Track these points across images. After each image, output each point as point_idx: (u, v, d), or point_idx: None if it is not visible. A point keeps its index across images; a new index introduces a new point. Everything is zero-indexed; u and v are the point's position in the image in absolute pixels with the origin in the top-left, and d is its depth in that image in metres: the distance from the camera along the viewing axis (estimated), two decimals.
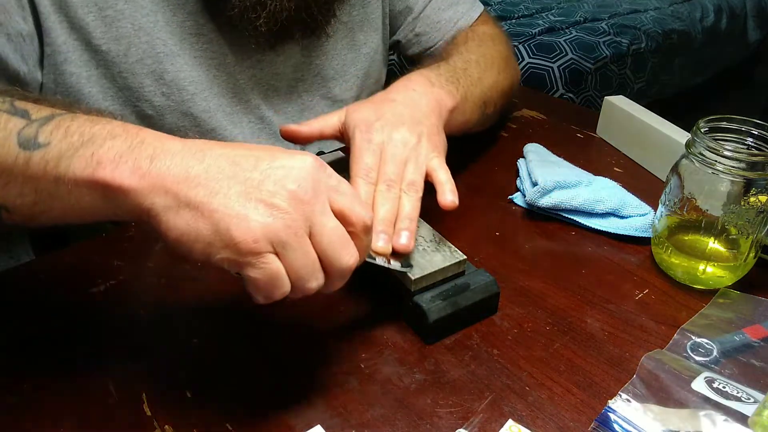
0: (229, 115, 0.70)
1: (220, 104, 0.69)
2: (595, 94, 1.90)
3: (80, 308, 0.52)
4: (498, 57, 0.78)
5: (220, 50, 0.67)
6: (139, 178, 0.37)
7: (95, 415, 0.43)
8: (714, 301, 0.53)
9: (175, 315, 0.52)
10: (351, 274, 0.41)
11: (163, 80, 0.64)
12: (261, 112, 0.73)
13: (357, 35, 0.78)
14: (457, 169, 0.75)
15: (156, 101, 0.65)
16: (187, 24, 0.65)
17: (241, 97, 0.71)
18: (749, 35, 3.02)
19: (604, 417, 0.42)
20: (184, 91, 0.66)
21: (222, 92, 0.69)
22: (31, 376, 0.46)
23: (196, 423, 0.42)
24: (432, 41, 0.84)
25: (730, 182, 0.50)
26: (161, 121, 0.66)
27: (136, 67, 0.63)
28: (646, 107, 0.77)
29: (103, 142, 0.38)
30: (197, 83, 0.66)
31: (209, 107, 0.68)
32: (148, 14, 0.62)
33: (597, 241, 0.62)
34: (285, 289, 0.39)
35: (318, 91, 0.77)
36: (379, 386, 0.45)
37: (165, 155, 0.38)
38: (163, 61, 0.64)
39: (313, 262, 0.39)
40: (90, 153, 0.37)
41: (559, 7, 2.48)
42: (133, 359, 0.47)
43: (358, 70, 0.80)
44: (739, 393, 0.43)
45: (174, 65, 0.64)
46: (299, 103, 0.76)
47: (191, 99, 0.66)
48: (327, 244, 0.39)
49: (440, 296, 0.49)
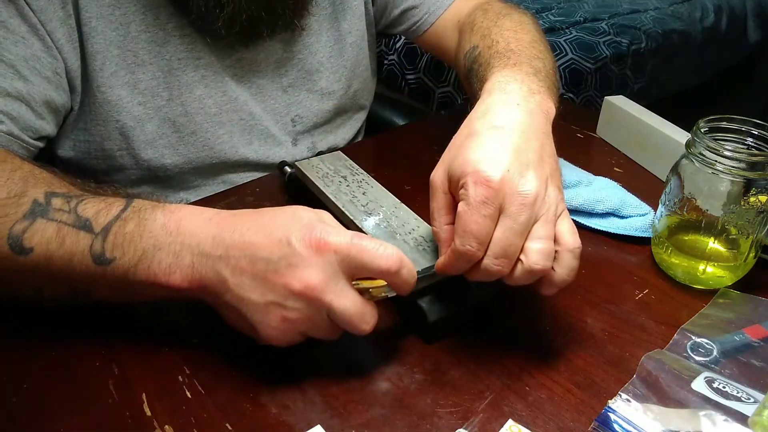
0: (214, 115, 0.70)
1: (202, 106, 0.69)
2: (595, 94, 1.89)
3: (80, 308, 0.52)
4: (537, 30, 0.68)
5: (203, 49, 0.68)
6: (188, 283, 0.44)
7: (95, 415, 0.43)
8: (714, 301, 0.53)
9: (176, 315, 0.52)
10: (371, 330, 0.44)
11: (138, 89, 0.65)
12: (249, 108, 0.73)
13: (341, 25, 0.78)
14: None
15: (134, 111, 0.66)
16: (169, 26, 0.65)
17: (230, 95, 0.71)
18: (749, 35, 3.02)
19: (604, 417, 0.42)
20: (159, 97, 0.67)
21: (208, 93, 0.69)
22: (32, 375, 0.46)
23: (196, 423, 0.42)
24: (419, 14, 0.81)
25: (730, 182, 0.50)
26: (143, 131, 0.67)
27: (111, 80, 0.64)
28: (646, 107, 0.77)
29: (152, 257, 0.44)
30: (172, 88, 0.67)
31: (187, 111, 0.68)
32: (117, 27, 0.63)
33: (597, 241, 0.62)
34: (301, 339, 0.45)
35: (303, 86, 0.77)
36: (379, 386, 0.45)
37: (201, 262, 0.43)
38: (135, 72, 0.65)
39: (333, 331, 0.44)
40: (146, 266, 0.44)
41: (559, 7, 2.47)
42: (133, 359, 0.47)
43: (346, 60, 0.79)
44: (739, 393, 0.43)
45: (146, 74, 0.65)
46: (285, 98, 0.76)
47: (167, 105, 0.67)
48: (342, 322, 0.43)
49: (440, 296, 0.49)
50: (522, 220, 0.42)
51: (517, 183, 0.43)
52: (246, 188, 0.70)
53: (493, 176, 0.42)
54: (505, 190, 0.42)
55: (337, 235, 0.42)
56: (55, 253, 0.45)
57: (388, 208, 0.57)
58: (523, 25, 0.66)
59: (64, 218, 0.46)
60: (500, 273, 0.44)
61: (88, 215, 0.46)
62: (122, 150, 0.68)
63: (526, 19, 0.70)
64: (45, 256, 0.45)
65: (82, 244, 0.45)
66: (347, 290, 0.42)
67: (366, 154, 0.82)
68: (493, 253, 0.43)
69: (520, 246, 0.43)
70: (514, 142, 0.45)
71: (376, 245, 0.42)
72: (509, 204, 0.42)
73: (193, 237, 0.44)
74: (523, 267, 0.43)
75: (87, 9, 0.61)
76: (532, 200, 0.43)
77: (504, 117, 0.47)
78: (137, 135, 0.67)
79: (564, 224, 0.45)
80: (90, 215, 0.46)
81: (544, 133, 0.48)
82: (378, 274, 0.42)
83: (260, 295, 0.42)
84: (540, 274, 0.44)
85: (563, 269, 0.44)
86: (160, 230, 0.45)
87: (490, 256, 0.43)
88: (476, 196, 0.42)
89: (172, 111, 0.68)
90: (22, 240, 0.45)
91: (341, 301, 0.42)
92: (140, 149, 0.68)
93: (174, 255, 0.44)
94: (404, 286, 0.44)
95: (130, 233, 0.45)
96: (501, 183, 0.42)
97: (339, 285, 0.42)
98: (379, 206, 0.57)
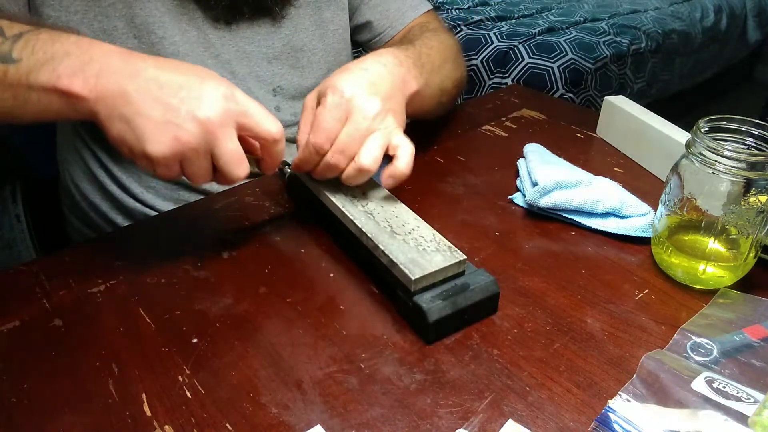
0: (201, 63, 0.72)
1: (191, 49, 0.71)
2: (595, 94, 1.89)
3: (80, 308, 0.52)
4: (451, 49, 0.81)
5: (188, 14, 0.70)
6: (89, 90, 0.47)
7: (95, 415, 0.43)
8: (714, 301, 0.53)
9: (175, 315, 0.52)
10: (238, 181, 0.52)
11: (134, 23, 0.67)
12: (232, 67, 0.75)
13: (324, 13, 0.81)
14: (458, 169, 0.75)
15: (129, 44, 0.67)
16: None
17: (212, 51, 0.73)
18: (749, 35, 3.02)
19: (604, 417, 0.42)
20: (153, 34, 0.68)
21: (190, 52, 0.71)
22: (31, 375, 0.46)
23: (196, 423, 0.42)
24: (381, 28, 0.87)
25: (730, 182, 0.50)
26: None
27: (108, 10, 0.66)
28: (646, 107, 0.77)
29: (61, 60, 0.48)
30: (166, 27, 0.69)
31: (178, 51, 0.70)
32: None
33: (597, 241, 0.62)
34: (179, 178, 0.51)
35: (287, 61, 0.79)
36: (379, 386, 0.45)
37: (108, 73, 0.48)
38: (132, 6, 0.67)
39: (205, 170, 0.50)
40: (51, 68, 0.48)
41: (559, 7, 2.48)
42: (133, 359, 0.47)
43: (327, 45, 0.82)
44: (739, 393, 0.43)
45: (143, 9, 0.67)
46: (269, 69, 0.78)
47: (160, 42, 0.69)
48: (223, 163, 0.50)
49: (440, 296, 0.49)
50: (361, 128, 0.54)
51: (364, 101, 0.55)
52: (246, 188, 0.70)
53: (347, 90, 0.55)
54: (354, 102, 0.55)
55: (242, 94, 0.50)
56: None
57: (388, 208, 0.57)
58: (442, 42, 0.78)
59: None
60: (337, 167, 0.55)
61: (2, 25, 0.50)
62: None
63: (449, 40, 0.81)
64: None
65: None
66: (235, 138, 0.49)
67: None
68: (335, 149, 0.54)
69: (357, 149, 0.55)
70: (371, 79, 0.58)
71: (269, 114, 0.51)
72: (354, 114, 0.54)
73: (104, 55, 0.49)
74: (354, 165, 0.55)
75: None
76: (372, 115, 0.55)
77: (370, 65, 0.60)
78: None
79: (399, 138, 0.57)
80: (4, 26, 0.50)
81: (397, 89, 0.60)
82: (262, 135, 0.51)
83: (161, 114, 0.47)
84: (366, 175, 0.55)
85: (401, 163, 0.56)
86: (72, 44, 0.49)
87: (332, 151, 0.55)
88: (331, 102, 0.55)
89: (164, 50, 0.69)
90: None
91: (230, 142, 0.49)
92: None
93: (82, 63, 0.48)
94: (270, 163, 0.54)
95: (43, 40, 0.49)
96: (351, 96, 0.55)
97: (231, 130, 0.49)
98: (379, 206, 0.57)
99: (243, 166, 0.51)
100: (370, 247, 0.53)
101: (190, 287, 0.55)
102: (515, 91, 1.01)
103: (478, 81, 1.95)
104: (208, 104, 0.48)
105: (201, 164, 0.49)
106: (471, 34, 2.05)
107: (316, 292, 0.54)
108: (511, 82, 1.88)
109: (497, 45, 1.96)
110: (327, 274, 0.57)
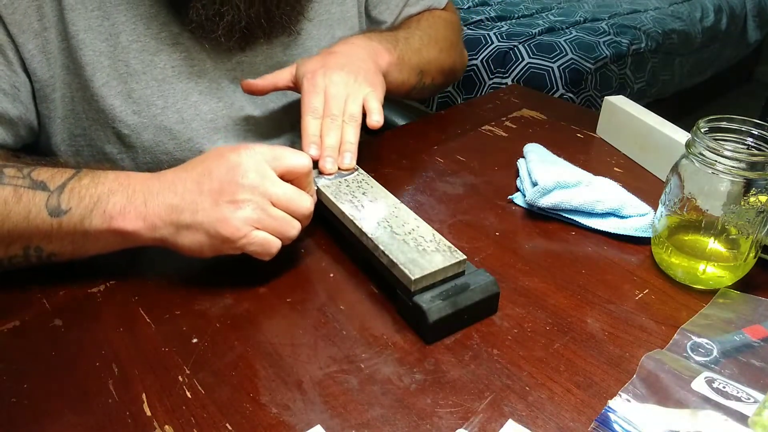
0: (210, 121, 0.71)
1: (198, 113, 0.70)
2: (595, 94, 1.89)
3: (80, 308, 0.52)
4: (443, 38, 0.85)
5: (198, 56, 0.68)
6: (143, 221, 0.50)
7: (95, 415, 0.43)
8: (714, 301, 0.53)
9: (175, 315, 0.52)
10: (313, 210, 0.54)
11: (132, 99, 0.66)
12: (246, 112, 0.73)
13: (335, 32, 0.80)
14: (457, 169, 0.75)
15: (129, 120, 0.66)
16: (162, 35, 0.66)
17: (226, 101, 0.71)
18: (749, 35, 3.02)
19: (604, 417, 0.42)
20: (153, 106, 0.67)
21: (204, 99, 0.70)
22: (31, 375, 0.46)
23: (196, 423, 0.42)
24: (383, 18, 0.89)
25: (730, 182, 0.50)
26: (139, 139, 0.67)
27: (103, 90, 0.64)
28: (646, 107, 0.77)
29: (107, 200, 0.50)
30: (167, 96, 0.67)
31: (182, 118, 0.69)
32: (107, 39, 0.63)
33: (597, 241, 0.62)
34: (277, 245, 0.52)
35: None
36: (379, 386, 0.45)
37: (152, 197, 0.50)
38: (128, 81, 0.65)
39: (284, 219, 0.52)
40: (102, 210, 0.50)
41: (559, 7, 2.48)
42: (133, 359, 0.47)
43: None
44: (739, 393, 0.43)
45: (139, 83, 0.66)
46: (284, 101, 0.76)
47: (162, 113, 0.67)
48: (286, 203, 0.51)
49: (440, 296, 0.49)
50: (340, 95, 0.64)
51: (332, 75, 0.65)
52: None
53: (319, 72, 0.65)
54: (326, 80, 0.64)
55: (260, 146, 0.52)
56: (12, 210, 0.49)
57: (388, 208, 0.57)
58: (432, 29, 0.84)
59: (20, 182, 0.51)
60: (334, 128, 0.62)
61: (42, 178, 0.51)
62: (122, 154, 0.68)
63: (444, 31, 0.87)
64: (2, 215, 0.50)
65: (38, 200, 0.50)
66: (281, 181, 0.52)
67: (366, 154, 0.82)
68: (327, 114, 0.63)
69: (343, 109, 0.63)
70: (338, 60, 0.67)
71: (293, 150, 0.53)
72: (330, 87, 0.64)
73: (142, 182, 0.51)
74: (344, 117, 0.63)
75: (74, 23, 0.61)
76: (343, 82, 0.64)
77: (340, 47, 0.70)
78: (134, 142, 0.67)
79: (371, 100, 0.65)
80: (44, 178, 0.51)
81: (364, 61, 0.69)
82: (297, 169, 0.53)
83: (213, 202, 0.49)
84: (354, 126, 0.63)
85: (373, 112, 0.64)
86: (113, 180, 0.51)
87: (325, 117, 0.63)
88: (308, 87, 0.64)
89: (167, 119, 0.68)
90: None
91: (279, 186, 0.51)
92: (139, 155, 0.68)
93: (127, 197, 0.50)
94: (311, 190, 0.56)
95: (86, 185, 0.51)
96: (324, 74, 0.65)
97: (271, 174, 0.51)
98: (379, 206, 0.57)
99: (304, 197, 0.53)
100: (370, 247, 0.53)
101: (190, 287, 0.55)
102: (515, 91, 1.01)
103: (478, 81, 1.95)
104: (243, 168, 0.50)
105: (273, 215, 0.51)
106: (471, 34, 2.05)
107: (316, 292, 0.55)
108: (511, 82, 1.88)
109: (497, 45, 1.95)
110: (327, 274, 0.57)
